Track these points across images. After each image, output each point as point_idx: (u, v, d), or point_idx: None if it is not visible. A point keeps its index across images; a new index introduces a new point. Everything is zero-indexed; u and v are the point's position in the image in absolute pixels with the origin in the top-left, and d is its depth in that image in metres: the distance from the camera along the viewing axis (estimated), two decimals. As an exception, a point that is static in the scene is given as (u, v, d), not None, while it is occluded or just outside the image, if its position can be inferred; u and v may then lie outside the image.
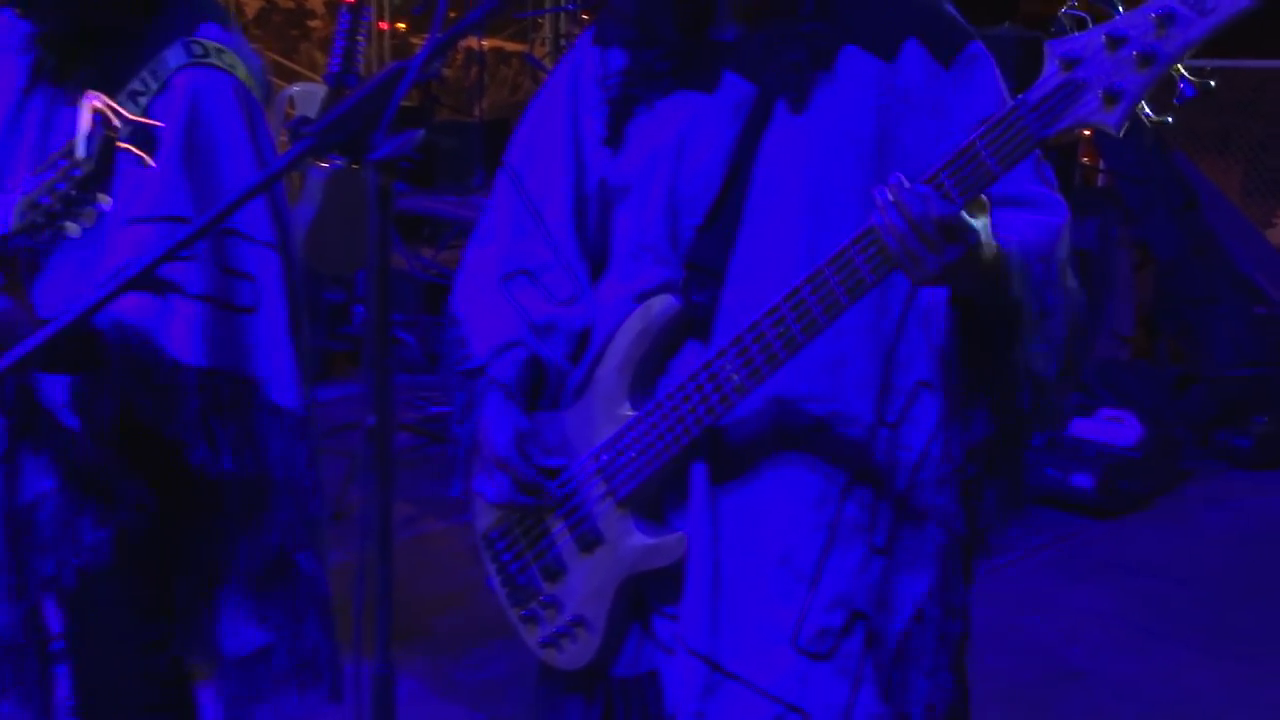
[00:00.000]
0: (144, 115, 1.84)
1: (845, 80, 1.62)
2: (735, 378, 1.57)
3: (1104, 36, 1.32)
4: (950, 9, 1.67)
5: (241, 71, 2.02)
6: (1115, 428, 5.01)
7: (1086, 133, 1.36)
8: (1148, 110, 1.34)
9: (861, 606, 1.63)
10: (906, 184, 1.41)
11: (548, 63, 8.11)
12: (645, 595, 1.74)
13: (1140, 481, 4.88)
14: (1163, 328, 5.98)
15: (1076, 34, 1.34)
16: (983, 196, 1.44)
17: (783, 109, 1.62)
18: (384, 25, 9.69)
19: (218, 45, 2.00)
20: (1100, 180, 6.83)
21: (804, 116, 1.61)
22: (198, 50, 1.98)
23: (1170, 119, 1.36)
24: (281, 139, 8.14)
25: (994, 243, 1.47)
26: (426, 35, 1.49)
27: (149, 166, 1.72)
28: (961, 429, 1.59)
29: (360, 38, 4.53)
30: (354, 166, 4.94)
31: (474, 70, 7.75)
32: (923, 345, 1.60)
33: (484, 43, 7.51)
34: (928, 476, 1.63)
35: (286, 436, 2.04)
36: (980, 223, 1.43)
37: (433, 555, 4.19)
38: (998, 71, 1.64)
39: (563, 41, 7.44)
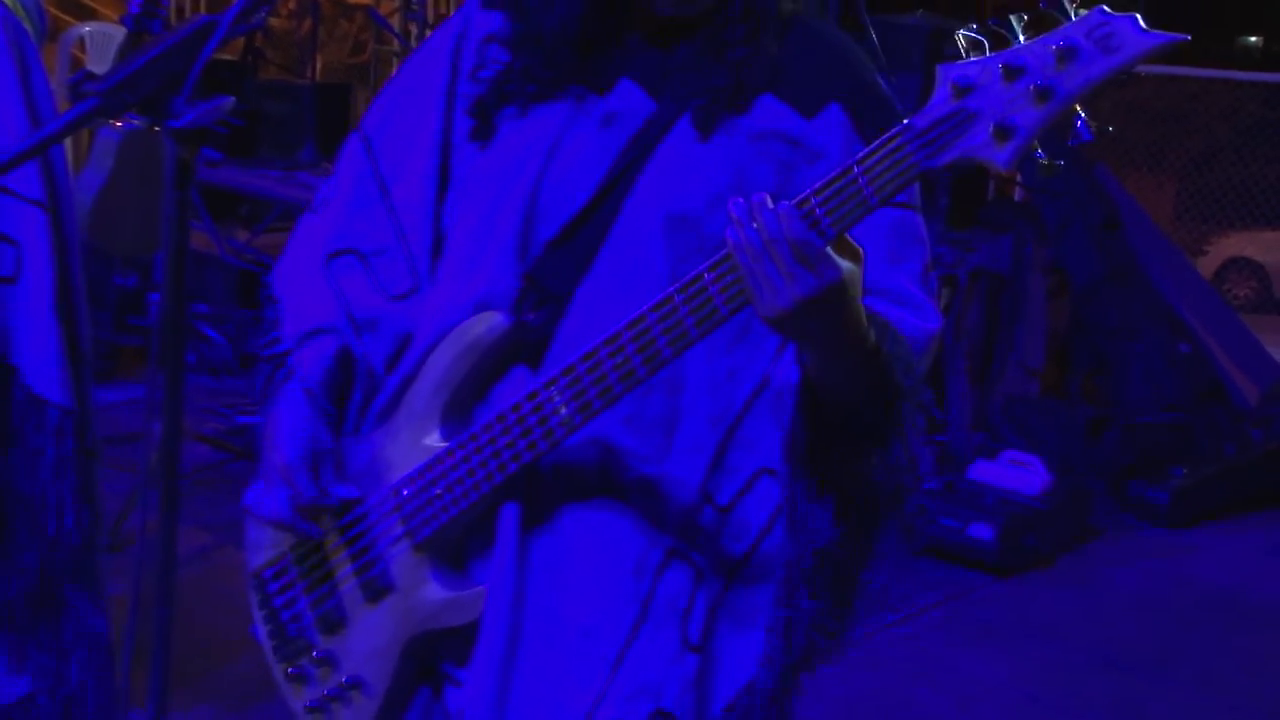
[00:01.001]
0: None
1: (756, 123, 1.64)
2: (563, 410, 1.56)
3: (1001, 65, 1.34)
4: (885, 87, 1.71)
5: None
6: (1020, 473, 5.13)
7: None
8: (1039, 151, 1.37)
9: (669, 704, 1.62)
10: (770, 202, 1.43)
11: (394, 21, 8.04)
12: (437, 655, 1.72)
13: (1044, 536, 5.00)
14: (1076, 362, 6.15)
15: (972, 59, 1.37)
16: (855, 244, 1.46)
17: (681, 133, 1.64)
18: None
19: None
20: (1016, 194, 7.02)
21: (704, 147, 1.63)
22: None
23: (1062, 163, 1.39)
24: (64, 91, 7.95)
25: (860, 303, 1.49)
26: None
27: None
28: (800, 529, 1.59)
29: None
30: (154, 129, 4.85)
31: (307, 23, 7.64)
32: (772, 429, 1.61)
33: (321, -8, 7.42)
34: (753, 573, 1.64)
35: (44, 437, 1.98)
36: (848, 267, 1.44)
37: (228, 591, 4.09)
38: None
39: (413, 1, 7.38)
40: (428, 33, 6.77)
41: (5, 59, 1.94)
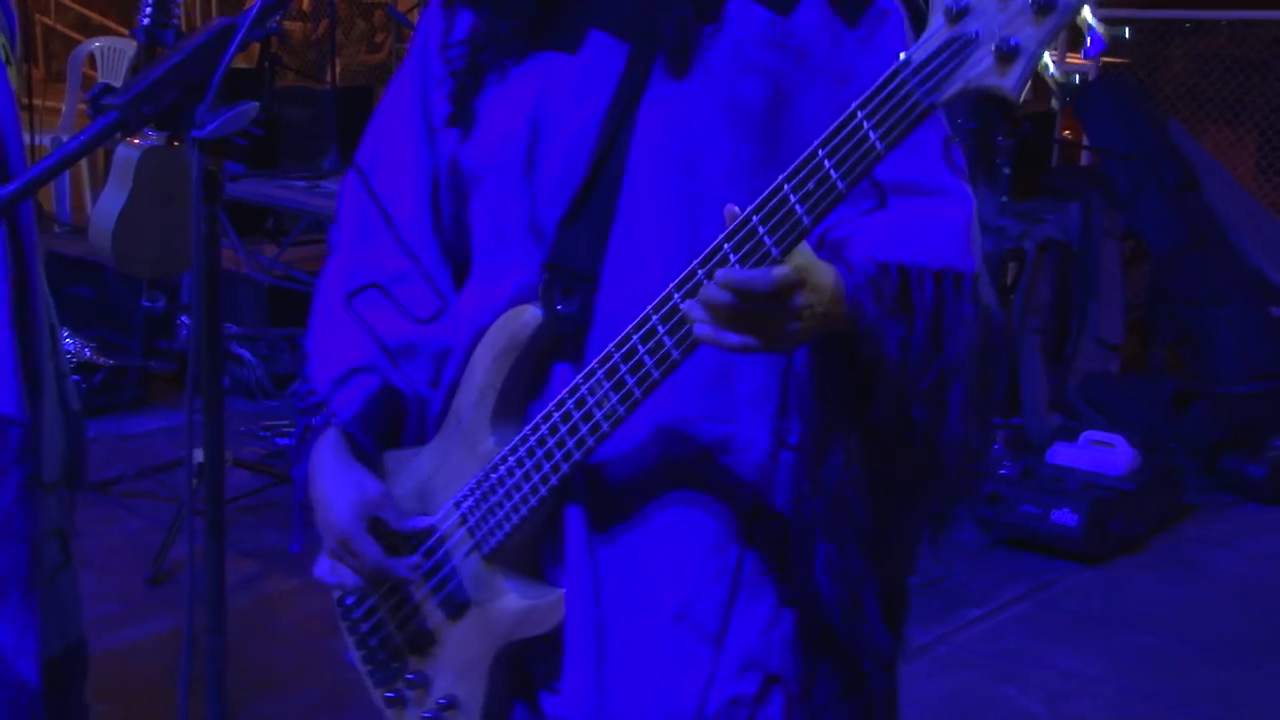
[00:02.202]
0: None
1: (732, 36, 1.64)
2: (607, 403, 1.58)
3: None
4: None
5: None
6: (1103, 454, 5.11)
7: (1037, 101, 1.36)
8: (1051, 69, 1.36)
9: (777, 669, 1.65)
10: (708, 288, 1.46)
11: (413, 17, 8.09)
12: (529, 668, 1.75)
13: (1133, 519, 4.97)
14: (1158, 334, 6.10)
15: None
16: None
17: (660, 76, 1.64)
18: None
19: None
20: (1083, 158, 6.97)
21: (685, 82, 1.63)
22: None
23: (1077, 78, 1.36)
24: (80, 109, 8.03)
25: (838, 287, 1.51)
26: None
27: None
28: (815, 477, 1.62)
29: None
30: (174, 144, 4.91)
31: (323, 25, 7.70)
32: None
33: (337, -10, 7.47)
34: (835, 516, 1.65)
35: (5, 458, 1.94)
36: (790, 282, 1.46)
37: (278, 621, 4.15)
38: (908, 29, 1.66)
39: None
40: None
41: None
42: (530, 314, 1.67)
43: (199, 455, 1.61)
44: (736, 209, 1.46)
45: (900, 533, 1.69)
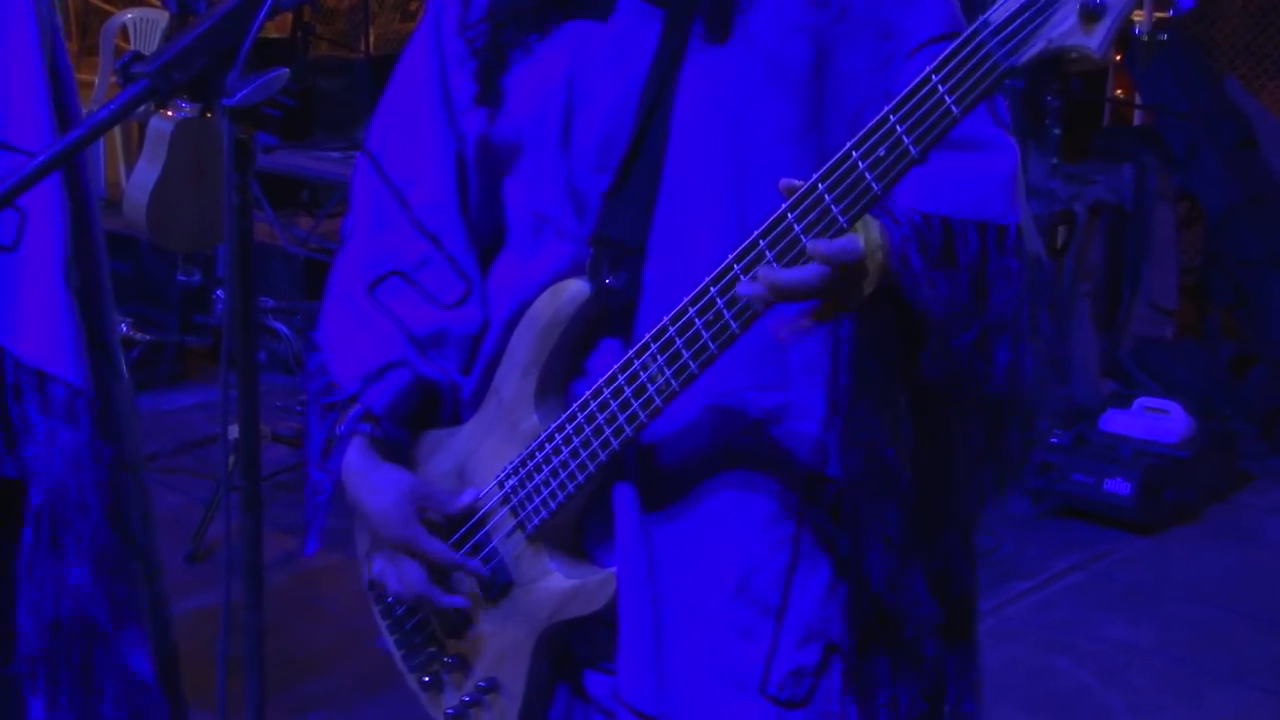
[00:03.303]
0: None
1: None
2: (660, 377, 1.57)
3: None
4: None
5: None
6: (1157, 421, 5.07)
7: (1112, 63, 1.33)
8: (1138, 28, 1.34)
9: (836, 638, 1.66)
10: (753, 281, 1.47)
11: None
12: (573, 649, 1.75)
13: (1188, 487, 4.95)
14: (1214, 297, 6.06)
15: None
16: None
17: (699, 40, 1.62)
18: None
19: None
20: (1136, 117, 6.90)
21: (725, 47, 1.62)
22: None
23: (1165, 36, 1.35)
24: (111, 81, 8.07)
25: (889, 247, 1.52)
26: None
27: None
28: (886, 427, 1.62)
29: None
30: (207, 115, 4.93)
31: (358, -8, 7.71)
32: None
33: (370, -42, 7.48)
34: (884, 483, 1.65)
35: (53, 419, 1.95)
36: (856, 252, 1.46)
37: (317, 597, 4.18)
38: None
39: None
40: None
41: (29, 20, 1.93)
42: (577, 288, 1.66)
43: (234, 431, 1.62)
44: (796, 182, 1.45)
45: (951, 500, 1.69)
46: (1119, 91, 7.26)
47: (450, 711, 1.80)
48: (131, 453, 2.10)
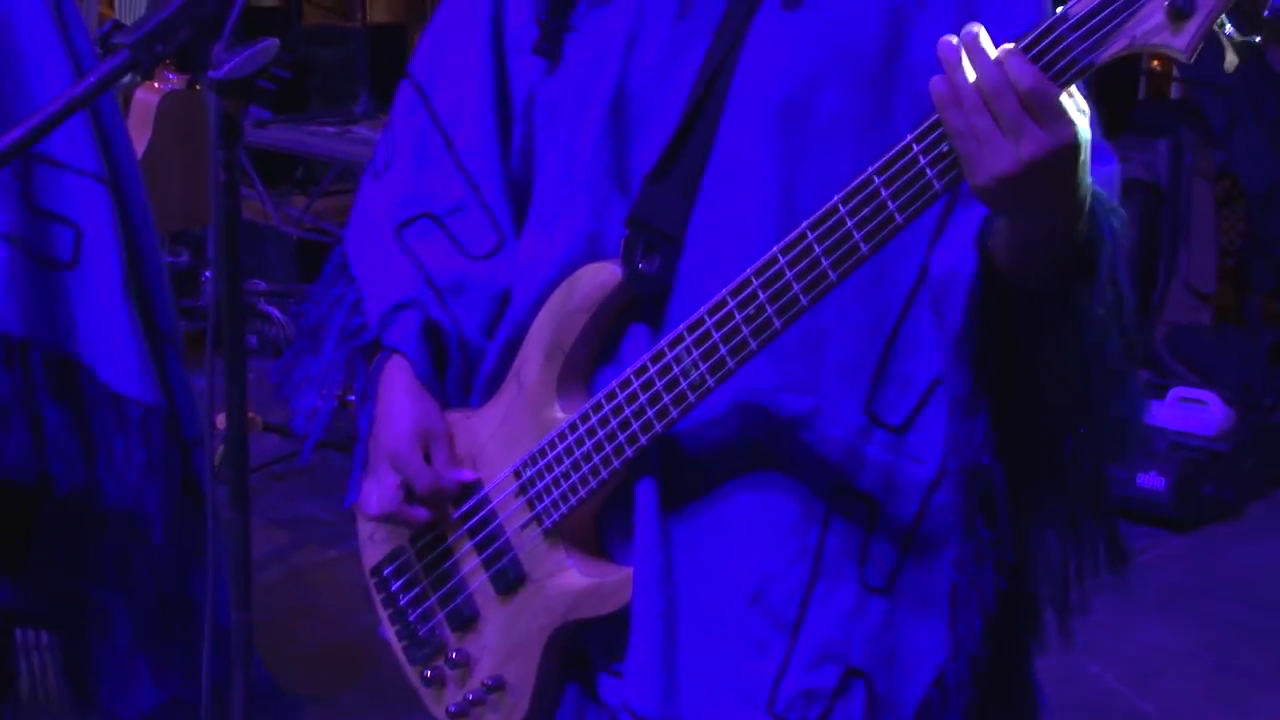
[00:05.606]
0: None
1: None
2: (694, 371, 1.55)
3: None
4: None
5: None
6: (1194, 412, 5.06)
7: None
8: (1229, 29, 1.33)
9: (859, 662, 1.62)
10: (984, 39, 1.37)
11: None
12: (585, 648, 1.74)
13: (1228, 482, 4.94)
14: (1255, 282, 6.04)
15: None
16: (1081, 98, 1.41)
17: (769, 7, 1.60)
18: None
19: None
20: (1174, 91, 6.88)
21: (796, 15, 1.59)
22: None
23: (1258, 39, 1.34)
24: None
25: (1088, 176, 1.44)
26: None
27: None
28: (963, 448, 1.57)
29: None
30: (194, 88, 4.93)
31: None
32: (933, 329, 1.59)
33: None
34: (944, 500, 1.61)
35: (130, 439, 2.02)
36: (1081, 121, 1.39)
37: (311, 594, 4.18)
38: None
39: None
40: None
41: (42, 12, 1.96)
42: (609, 271, 1.65)
43: (222, 421, 1.61)
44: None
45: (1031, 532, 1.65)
46: (1155, 64, 7.23)
47: (453, 709, 1.79)
48: (193, 428, 2.20)
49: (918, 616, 1.64)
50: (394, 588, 1.83)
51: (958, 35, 1.40)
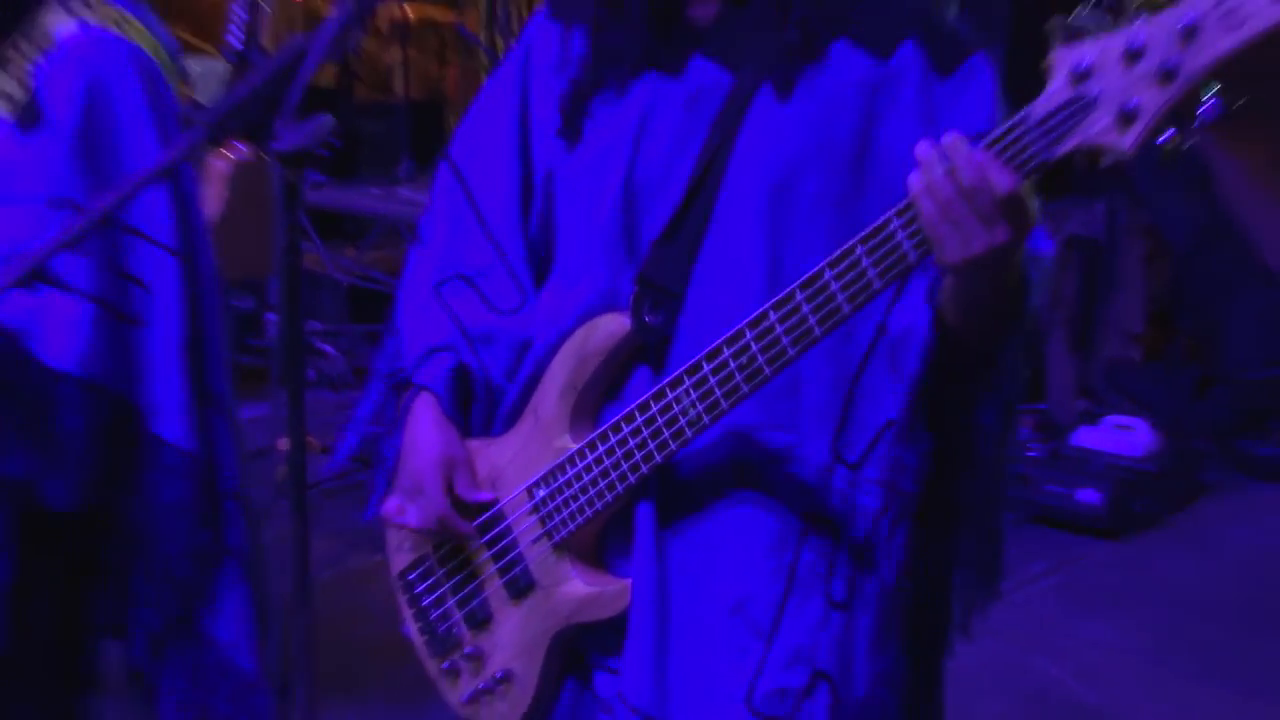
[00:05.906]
0: (27, 81, 1.82)
1: (834, 78, 1.62)
2: (691, 411, 1.56)
3: (1120, 48, 1.29)
4: (955, 16, 1.68)
5: (147, 42, 2.00)
6: (1125, 437, 5.05)
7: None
8: (1167, 132, 1.33)
9: (824, 666, 1.64)
10: (961, 144, 1.38)
11: (481, 35, 8.09)
12: (583, 647, 1.75)
13: (1154, 498, 4.93)
14: (1178, 324, 6.03)
15: (1088, 43, 1.31)
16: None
17: (764, 100, 1.62)
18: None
19: (119, 11, 1.98)
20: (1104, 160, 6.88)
21: (788, 107, 1.61)
22: (90, 12, 1.95)
23: (1191, 143, 1.34)
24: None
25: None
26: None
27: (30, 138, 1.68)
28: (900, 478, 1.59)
29: (264, 3, 4.51)
30: (261, 158, 4.95)
31: (396, 44, 7.72)
32: (888, 379, 1.60)
33: (408, 11, 7.49)
34: (885, 523, 1.63)
35: (164, 478, 2.01)
36: (1034, 209, 1.41)
37: (362, 597, 4.16)
38: (997, 88, 1.63)
39: (498, 10, 7.42)
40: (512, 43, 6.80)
41: (141, 106, 1.96)
42: (619, 322, 1.67)
43: (285, 443, 1.61)
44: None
45: (944, 555, 1.68)
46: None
47: (465, 698, 1.81)
48: (224, 481, 2.16)
49: (868, 630, 1.65)
50: (418, 590, 1.84)
51: (928, 139, 1.41)
